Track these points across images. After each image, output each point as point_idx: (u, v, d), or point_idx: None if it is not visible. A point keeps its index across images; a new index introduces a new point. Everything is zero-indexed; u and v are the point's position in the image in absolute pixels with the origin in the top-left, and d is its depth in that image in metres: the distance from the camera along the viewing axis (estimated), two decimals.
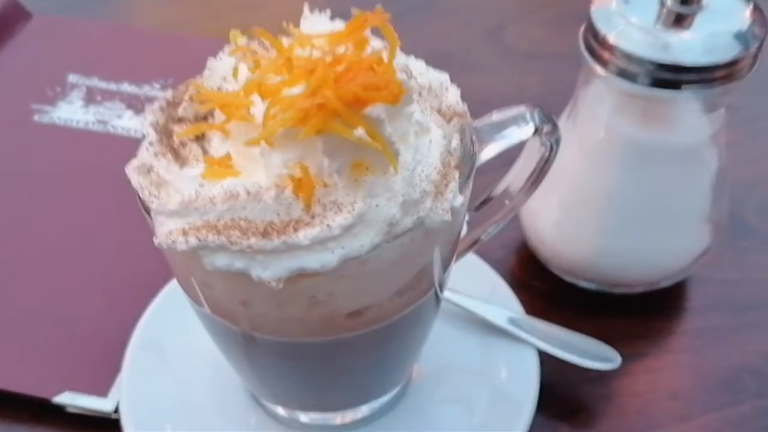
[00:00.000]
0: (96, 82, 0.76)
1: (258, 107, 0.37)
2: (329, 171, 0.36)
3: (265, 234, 0.36)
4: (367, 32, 0.36)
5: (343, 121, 0.33)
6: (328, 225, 0.36)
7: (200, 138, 0.41)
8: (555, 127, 0.46)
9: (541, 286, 0.62)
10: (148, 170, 0.39)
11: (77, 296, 0.58)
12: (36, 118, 0.73)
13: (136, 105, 0.74)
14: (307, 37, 0.36)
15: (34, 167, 0.68)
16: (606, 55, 0.50)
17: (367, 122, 0.33)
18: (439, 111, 0.42)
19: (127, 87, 0.76)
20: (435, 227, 0.38)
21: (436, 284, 0.46)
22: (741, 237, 0.65)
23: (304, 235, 0.36)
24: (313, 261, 0.36)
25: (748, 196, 0.66)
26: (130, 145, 0.69)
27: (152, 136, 0.40)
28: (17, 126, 0.72)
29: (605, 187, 0.55)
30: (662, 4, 0.50)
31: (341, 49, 0.34)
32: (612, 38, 0.49)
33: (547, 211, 0.59)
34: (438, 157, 0.39)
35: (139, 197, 0.40)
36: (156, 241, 0.38)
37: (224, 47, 0.41)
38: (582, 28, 0.52)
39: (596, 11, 0.51)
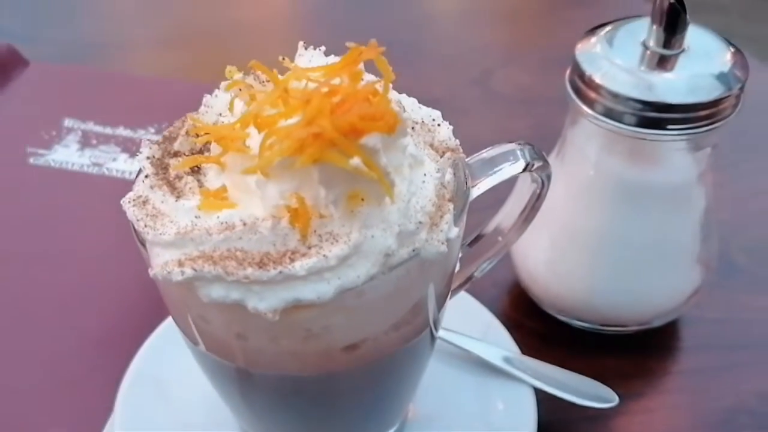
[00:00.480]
0: (92, 126, 0.76)
1: (254, 139, 0.37)
2: (326, 201, 0.36)
3: (261, 264, 0.36)
4: (361, 66, 0.37)
5: (340, 151, 0.33)
6: (324, 255, 0.36)
7: (196, 171, 0.40)
8: (545, 163, 0.46)
9: (534, 325, 0.61)
10: (144, 202, 0.39)
11: (71, 336, 0.57)
12: (31, 160, 0.73)
13: (131, 148, 0.74)
14: (303, 71, 0.36)
15: (29, 208, 0.68)
16: (592, 95, 0.50)
17: (363, 152, 0.33)
18: (431, 146, 0.42)
19: (122, 131, 0.76)
20: (431, 258, 0.38)
21: (431, 322, 0.45)
22: (729, 277, 0.65)
23: (300, 266, 0.35)
24: (309, 291, 0.36)
25: (734, 236, 0.67)
26: (125, 187, 0.69)
27: (148, 169, 0.40)
28: (12, 168, 0.72)
29: (595, 226, 0.55)
30: (645, 46, 0.51)
31: (336, 81, 0.35)
32: (598, 78, 0.50)
33: (538, 251, 0.59)
34: (432, 189, 0.39)
35: (135, 229, 0.39)
36: (151, 272, 0.37)
37: (220, 85, 0.41)
38: (568, 71, 0.53)
39: (581, 54, 0.52)
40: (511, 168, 0.45)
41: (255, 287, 0.36)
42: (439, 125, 0.43)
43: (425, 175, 0.39)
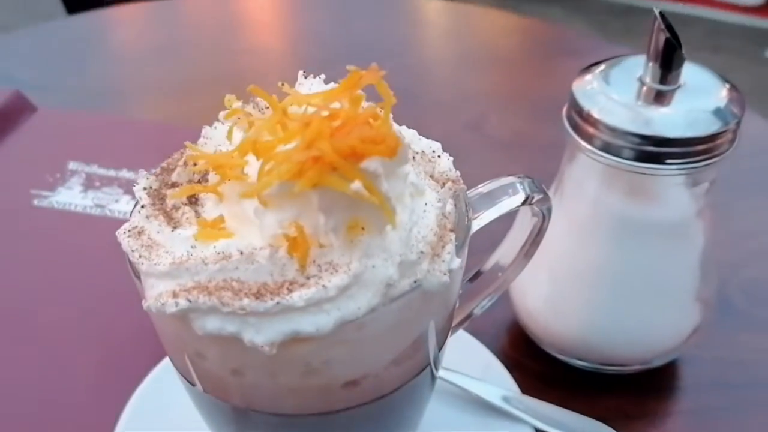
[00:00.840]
0: (95, 169, 0.75)
1: (252, 167, 0.35)
2: (325, 229, 0.33)
3: (258, 295, 0.33)
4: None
5: (340, 175, 0.31)
6: (323, 286, 0.33)
7: (194, 203, 0.38)
8: (545, 195, 0.44)
9: (534, 365, 0.59)
10: (140, 233, 0.37)
11: (72, 374, 0.55)
12: (35, 202, 0.71)
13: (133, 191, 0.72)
14: (302, 95, 0.34)
15: (32, 249, 0.66)
16: (591, 130, 0.49)
17: (364, 176, 0.31)
18: (432, 177, 0.40)
19: (125, 173, 0.74)
20: (433, 289, 0.36)
21: (432, 361, 0.43)
22: (728, 316, 0.62)
23: (298, 296, 0.33)
24: (308, 324, 0.33)
25: (732, 276, 0.64)
26: None
27: (145, 199, 0.38)
28: (16, 210, 0.70)
29: (594, 261, 0.53)
30: (642, 82, 0.49)
31: (336, 106, 0.33)
32: (596, 113, 0.48)
33: (537, 288, 0.56)
34: (434, 219, 0.37)
35: (129, 261, 0.37)
36: (145, 304, 0.35)
37: (219, 115, 0.39)
38: (565, 107, 0.51)
39: (578, 90, 0.50)
40: (511, 200, 0.43)
41: (251, 319, 0.33)
42: (439, 157, 0.41)
43: (426, 204, 0.37)
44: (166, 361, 0.54)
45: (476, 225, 0.43)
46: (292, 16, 1.21)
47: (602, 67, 0.51)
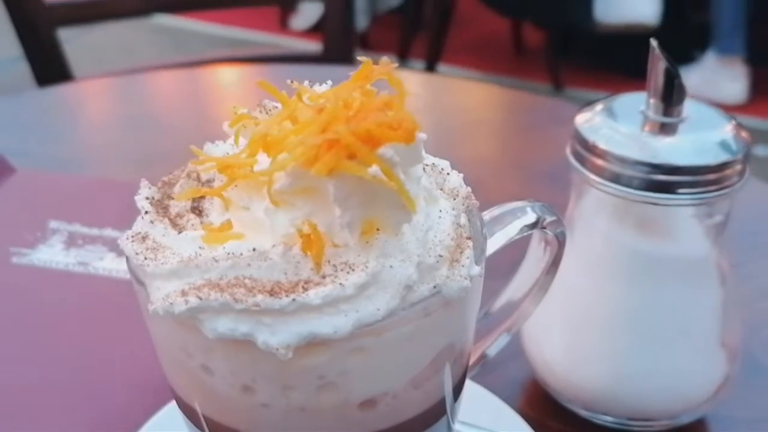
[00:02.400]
0: (78, 228, 0.75)
1: (262, 165, 0.36)
2: (341, 223, 0.34)
3: (272, 293, 0.33)
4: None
5: (357, 162, 0.32)
6: (340, 284, 0.33)
7: (198, 213, 0.39)
8: (558, 219, 0.45)
9: (555, 424, 0.57)
10: (144, 238, 0.37)
11: None
12: (14, 260, 0.71)
13: (119, 248, 0.72)
14: (314, 91, 0.35)
15: (11, 307, 0.65)
16: (599, 162, 0.50)
17: (381, 162, 0.32)
18: (442, 189, 0.41)
19: (110, 232, 0.74)
20: (453, 295, 0.36)
21: (448, 411, 0.43)
22: (756, 375, 0.62)
23: (315, 294, 0.33)
24: (325, 325, 0.33)
25: (755, 335, 0.64)
26: (111, 284, 0.67)
27: (147, 207, 0.38)
28: None
29: (611, 302, 0.53)
30: (645, 115, 0.51)
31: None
32: (603, 145, 0.50)
33: (553, 338, 0.56)
34: (449, 225, 0.38)
35: (132, 269, 0.37)
36: (151, 307, 0.35)
37: (224, 125, 0.40)
38: (568, 145, 0.53)
39: (581, 125, 0.52)
40: (522, 221, 0.44)
41: (266, 319, 0.33)
42: (448, 174, 0.42)
43: (441, 211, 0.38)
44: (156, 418, 0.53)
45: (488, 247, 0.43)
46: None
47: (602, 104, 0.54)
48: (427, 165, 0.41)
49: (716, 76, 3.00)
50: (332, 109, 0.32)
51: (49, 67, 1.46)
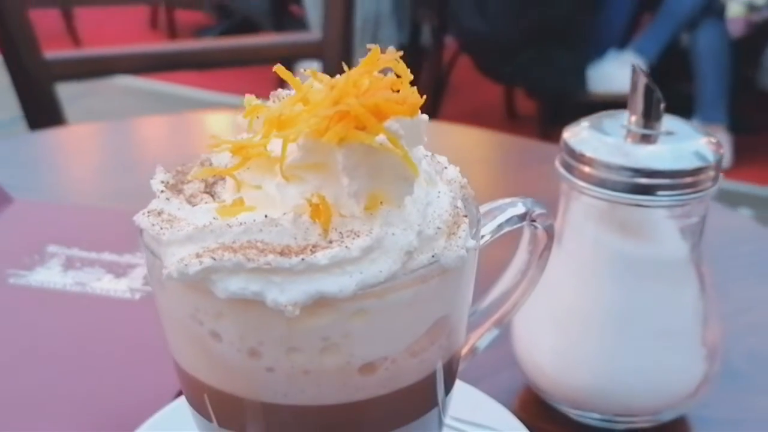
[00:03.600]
0: (76, 252, 0.77)
1: (275, 145, 0.39)
2: (348, 192, 0.37)
3: (282, 254, 0.36)
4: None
5: (366, 132, 0.35)
6: (346, 246, 0.37)
7: (210, 195, 0.42)
8: (547, 213, 0.49)
9: (548, 427, 0.60)
10: (159, 213, 0.40)
11: None
12: (11, 281, 0.73)
13: (117, 270, 0.75)
14: (325, 76, 0.39)
15: (7, 326, 0.67)
16: (586, 169, 0.54)
17: (388, 133, 0.36)
18: (441, 179, 0.44)
19: (107, 255, 0.77)
20: (450, 265, 0.39)
21: (440, 404, 0.46)
22: (734, 381, 0.65)
23: (322, 255, 0.36)
24: (331, 284, 0.36)
25: (735, 345, 0.68)
26: (109, 303, 0.70)
27: (162, 188, 0.42)
28: None
29: (598, 302, 0.56)
30: (628, 129, 0.56)
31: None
32: (589, 153, 0.54)
33: (543, 339, 0.59)
34: (447, 204, 0.41)
35: (146, 244, 0.40)
36: (165, 271, 0.37)
37: (237, 118, 0.44)
38: (557, 158, 0.57)
39: (569, 138, 0.56)
40: (513, 210, 0.47)
41: (275, 278, 0.36)
42: (446, 168, 0.45)
43: (439, 192, 0.41)
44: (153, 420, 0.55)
45: (481, 235, 0.47)
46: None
47: (587, 121, 0.58)
48: (427, 155, 0.45)
49: None
50: (343, 85, 0.36)
51: (47, 123, 1.50)
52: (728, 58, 2.88)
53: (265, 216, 0.37)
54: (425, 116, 0.38)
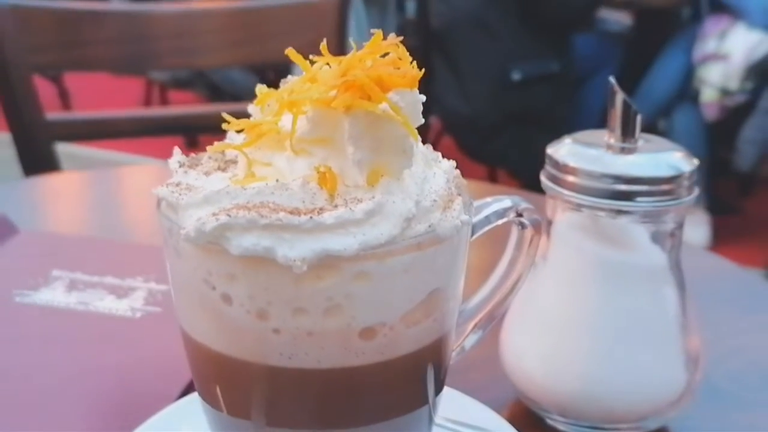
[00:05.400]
0: (79, 276, 0.79)
1: (285, 121, 0.43)
2: (352, 160, 0.41)
3: (292, 213, 0.39)
4: None
5: (370, 101, 0.39)
6: (351, 209, 0.40)
7: (224, 172, 0.45)
8: (534, 208, 0.52)
9: None
10: (177, 184, 0.43)
11: None
12: (17, 299, 0.75)
13: (119, 292, 0.77)
14: (332, 57, 0.43)
15: (12, 342, 0.69)
16: (570, 179, 0.58)
17: (390, 102, 0.40)
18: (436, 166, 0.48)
19: (110, 279, 0.79)
20: (445, 234, 0.42)
21: (430, 401, 0.48)
22: (717, 399, 0.67)
23: (329, 215, 0.39)
24: (336, 243, 0.39)
25: (718, 366, 0.70)
26: (110, 320, 0.72)
27: (178, 166, 0.45)
28: None
29: (582, 308, 0.59)
30: (608, 143, 0.60)
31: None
32: (573, 163, 0.58)
33: (532, 347, 0.61)
34: (443, 182, 0.45)
35: (164, 215, 0.43)
36: (183, 231, 0.40)
37: (249, 108, 0.48)
38: (542, 173, 0.61)
39: (553, 152, 0.60)
40: (500, 204, 0.51)
41: (286, 235, 0.39)
42: (439, 162, 0.49)
43: (435, 172, 0.45)
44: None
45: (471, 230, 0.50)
46: None
47: (569, 138, 0.62)
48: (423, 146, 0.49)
49: None
50: (350, 59, 0.40)
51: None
52: (704, 141, 2.98)
53: (277, 180, 0.41)
54: (422, 96, 0.42)
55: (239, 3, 1.77)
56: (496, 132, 3.13)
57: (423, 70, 0.42)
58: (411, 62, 0.42)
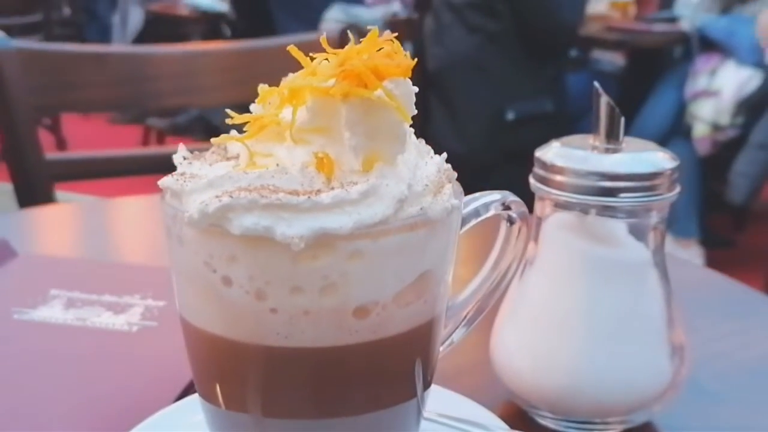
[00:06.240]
0: (77, 294, 0.81)
1: (286, 113, 0.45)
2: (349, 145, 0.43)
3: (291, 194, 0.42)
4: None
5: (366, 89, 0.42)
6: (346, 190, 0.42)
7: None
8: (521, 201, 0.55)
9: None
10: (182, 174, 0.46)
11: None
12: (15, 316, 0.76)
13: (116, 308, 0.78)
14: (331, 51, 0.46)
15: (9, 356, 0.70)
16: (557, 178, 0.61)
17: (385, 90, 0.42)
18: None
19: (107, 297, 0.80)
20: (436, 216, 0.45)
21: (419, 395, 0.50)
22: (701, 398, 0.69)
23: (326, 195, 0.42)
24: (332, 221, 0.42)
25: (702, 368, 0.72)
26: (107, 334, 0.73)
27: (183, 159, 0.47)
28: None
29: (570, 304, 0.61)
30: (593, 144, 0.63)
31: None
32: (560, 163, 0.61)
33: (522, 345, 0.63)
34: (434, 170, 0.47)
35: (168, 203, 0.45)
36: (187, 214, 0.42)
37: (251, 107, 0.50)
38: (530, 175, 0.64)
39: (541, 154, 0.63)
40: (488, 197, 0.53)
41: (284, 214, 0.42)
42: (432, 157, 0.52)
43: (427, 162, 0.48)
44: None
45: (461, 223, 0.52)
46: None
47: (556, 142, 0.65)
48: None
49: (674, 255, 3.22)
50: (348, 51, 0.43)
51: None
52: (697, 175, 3.04)
53: (277, 165, 0.43)
54: (415, 87, 0.45)
55: (239, 43, 1.82)
56: (492, 170, 3.18)
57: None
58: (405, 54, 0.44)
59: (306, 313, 0.43)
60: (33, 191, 1.56)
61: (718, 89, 3.01)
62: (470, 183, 0.52)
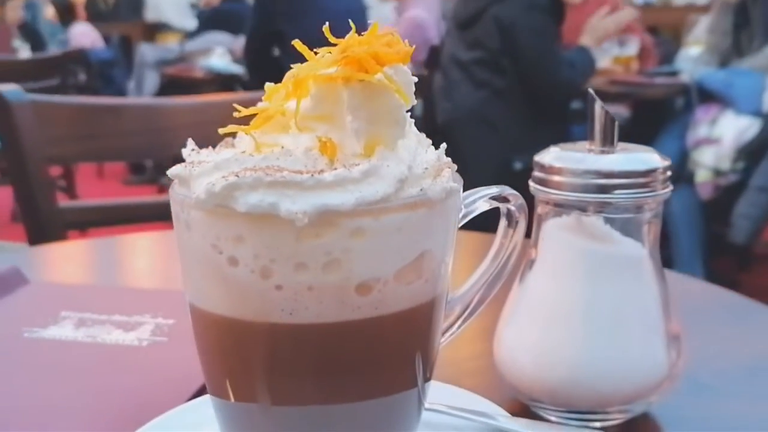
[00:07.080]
0: (88, 315, 0.82)
1: (291, 104, 0.47)
2: (350, 128, 0.45)
3: (295, 173, 0.43)
4: None
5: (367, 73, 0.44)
6: (348, 169, 0.44)
7: None
8: (518, 194, 0.56)
9: None
10: (190, 162, 0.47)
11: None
12: (26, 335, 0.77)
13: (126, 326, 0.79)
14: (335, 40, 0.48)
15: (21, 374, 0.71)
16: (555, 178, 0.63)
17: (385, 74, 0.44)
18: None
19: (117, 317, 0.81)
20: (436, 197, 0.46)
21: (419, 386, 0.51)
22: (696, 393, 0.70)
23: (328, 174, 0.43)
24: (334, 198, 0.43)
25: (702, 366, 0.72)
26: (118, 349, 0.73)
27: (191, 150, 0.49)
28: (6, 338, 0.76)
29: (570, 299, 0.63)
30: (589, 147, 0.65)
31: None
32: (558, 164, 0.63)
33: (523, 339, 0.65)
34: (434, 156, 0.49)
35: (175, 193, 0.47)
36: (195, 195, 0.44)
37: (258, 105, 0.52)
38: (530, 179, 0.65)
39: (540, 158, 0.65)
40: (487, 191, 0.55)
41: (288, 191, 0.43)
42: (429, 148, 0.53)
43: (427, 150, 0.49)
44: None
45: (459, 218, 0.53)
46: None
47: (554, 147, 0.67)
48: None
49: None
50: (349, 40, 0.45)
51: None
52: (700, 219, 3.06)
53: (282, 147, 0.45)
54: (414, 78, 0.47)
55: (253, 93, 1.86)
56: (499, 218, 3.20)
57: None
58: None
59: (310, 289, 0.44)
60: (45, 238, 1.58)
61: (719, 137, 3.06)
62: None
